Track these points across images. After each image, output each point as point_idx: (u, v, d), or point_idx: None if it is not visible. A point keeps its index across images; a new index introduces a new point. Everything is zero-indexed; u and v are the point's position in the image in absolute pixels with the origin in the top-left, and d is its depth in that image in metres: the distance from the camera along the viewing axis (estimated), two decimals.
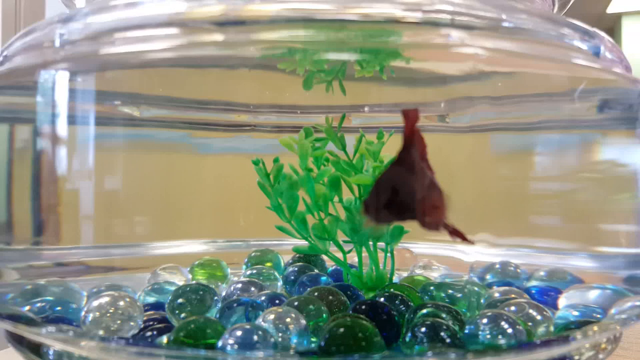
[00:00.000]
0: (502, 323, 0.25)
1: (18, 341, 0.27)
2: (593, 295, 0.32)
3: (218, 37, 0.21)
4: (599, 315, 0.29)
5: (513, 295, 0.32)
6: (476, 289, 0.34)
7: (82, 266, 0.34)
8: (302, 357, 0.22)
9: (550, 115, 0.32)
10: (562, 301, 0.33)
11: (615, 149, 0.32)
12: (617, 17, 4.08)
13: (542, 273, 0.36)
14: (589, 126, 0.31)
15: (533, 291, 0.35)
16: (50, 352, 0.25)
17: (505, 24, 0.23)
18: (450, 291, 0.32)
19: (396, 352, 0.25)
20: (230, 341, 0.22)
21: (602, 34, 0.27)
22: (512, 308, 0.29)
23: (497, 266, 0.38)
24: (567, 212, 0.33)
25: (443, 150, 0.33)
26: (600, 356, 0.27)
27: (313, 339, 0.26)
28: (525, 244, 0.37)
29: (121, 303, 0.27)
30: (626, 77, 0.28)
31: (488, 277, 0.38)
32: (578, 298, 0.32)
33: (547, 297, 0.34)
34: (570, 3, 0.36)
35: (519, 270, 0.38)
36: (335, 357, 0.22)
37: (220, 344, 0.23)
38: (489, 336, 0.25)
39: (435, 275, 0.39)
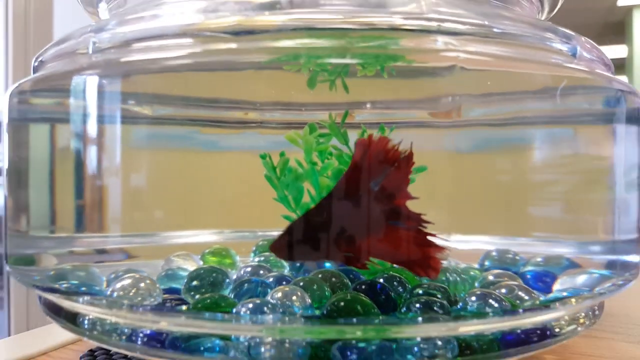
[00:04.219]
0: (490, 300, 0.27)
1: (56, 313, 0.30)
2: (583, 278, 0.34)
3: (231, 45, 0.24)
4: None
5: (506, 278, 0.34)
6: (472, 272, 0.37)
7: (102, 253, 0.36)
8: (306, 320, 0.25)
9: (531, 112, 0.34)
10: (556, 286, 0.34)
11: (593, 143, 0.34)
12: (628, 10, 4.07)
13: (539, 259, 0.38)
14: (567, 122, 0.33)
15: (528, 276, 0.36)
16: (85, 320, 0.28)
17: (486, 30, 0.25)
18: (448, 274, 0.33)
19: (391, 317, 0.27)
20: (243, 310, 0.25)
21: (581, 36, 0.29)
22: (503, 290, 0.30)
23: (494, 253, 0.40)
24: (550, 205, 0.34)
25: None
26: (580, 329, 0.30)
27: (317, 313, 0.28)
28: (516, 234, 0.39)
29: (142, 284, 0.30)
30: (602, 75, 0.30)
31: (486, 263, 0.40)
32: (570, 282, 0.34)
33: (541, 283, 0.35)
34: (559, 6, 0.38)
35: (517, 258, 0.39)
36: (337, 320, 0.24)
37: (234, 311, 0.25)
38: (476, 309, 0.27)
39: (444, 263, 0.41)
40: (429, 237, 0.27)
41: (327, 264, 0.37)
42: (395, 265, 0.30)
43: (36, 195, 0.33)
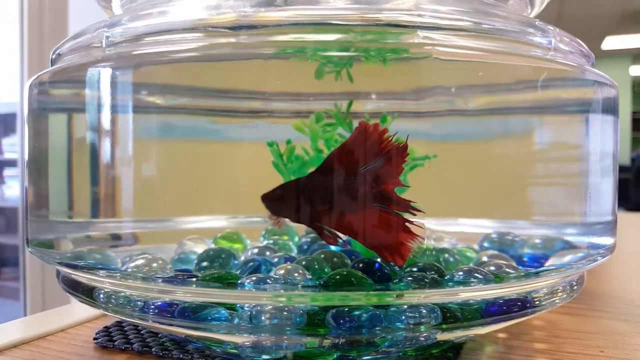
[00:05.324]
0: (475, 274, 0.29)
1: (74, 288, 0.32)
2: (569, 257, 0.35)
3: (232, 39, 0.26)
4: None
5: (498, 259, 0.35)
6: (468, 254, 0.39)
7: (118, 238, 0.38)
8: (310, 288, 0.27)
9: (507, 102, 0.35)
10: (547, 264, 0.35)
11: (570, 132, 0.35)
12: None
13: (537, 241, 0.39)
14: (545, 112, 0.34)
15: (525, 259, 0.37)
16: (101, 294, 0.31)
17: (469, 25, 0.27)
18: (446, 255, 0.35)
19: (386, 285, 0.29)
20: (247, 282, 0.27)
21: (556, 29, 0.31)
22: (492, 268, 0.31)
23: (494, 235, 0.41)
24: (530, 191, 0.36)
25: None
26: (557, 301, 0.32)
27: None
28: (507, 217, 0.41)
29: (154, 264, 0.32)
30: (577, 67, 0.32)
31: (485, 245, 0.41)
32: (559, 261, 0.35)
33: (537, 264, 0.37)
34: (546, 2, 0.39)
35: (516, 239, 0.40)
36: (332, 288, 0.27)
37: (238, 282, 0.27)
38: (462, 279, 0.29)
39: (445, 245, 0.42)
40: (407, 224, 0.28)
41: (331, 246, 0.39)
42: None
43: (55, 182, 0.36)
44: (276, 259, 0.34)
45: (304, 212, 0.29)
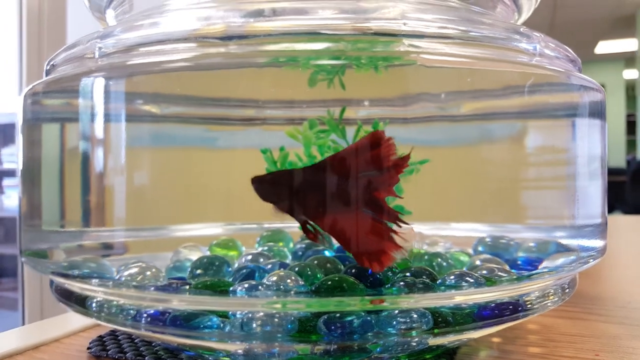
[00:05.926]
0: (467, 277, 0.29)
1: (66, 297, 0.32)
2: (561, 260, 0.36)
3: (222, 49, 0.27)
4: None
5: (491, 263, 0.36)
6: (462, 258, 0.39)
7: (111, 247, 0.38)
8: (305, 294, 0.27)
9: (496, 108, 0.36)
10: (540, 267, 0.35)
11: (558, 136, 0.36)
12: (638, 4, 4.08)
13: (531, 244, 0.39)
14: (533, 117, 0.35)
15: (519, 262, 0.37)
16: (94, 304, 0.31)
17: (454, 32, 0.28)
18: (439, 259, 0.35)
19: (379, 290, 0.29)
20: (239, 288, 0.27)
21: (541, 35, 0.31)
22: (484, 271, 0.32)
23: (488, 239, 0.41)
24: (519, 195, 0.36)
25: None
26: (549, 304, 0.32)
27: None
28: (499, 221, 0.41)
29: (148, 272, 0.32)
30: (562, 72, 0.32)
31: (480, 249, 0.41)
32: (552, 264, 0.35)
33: (530, 267, 0.36)
34: (533, 9, 0.40)
35: (511, 243, 0.40)
36: (324, 294, 0.27)
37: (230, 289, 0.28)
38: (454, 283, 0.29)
39: (439, 249, 0.42)
40: (392, 234, 0.28)
41: (325, 252, 0.39)
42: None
43: (48, 192, 0.36)
44: (269, 266, 0.35)
45: (291, 202, 0.29)
